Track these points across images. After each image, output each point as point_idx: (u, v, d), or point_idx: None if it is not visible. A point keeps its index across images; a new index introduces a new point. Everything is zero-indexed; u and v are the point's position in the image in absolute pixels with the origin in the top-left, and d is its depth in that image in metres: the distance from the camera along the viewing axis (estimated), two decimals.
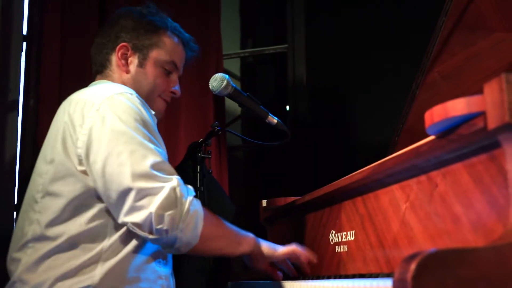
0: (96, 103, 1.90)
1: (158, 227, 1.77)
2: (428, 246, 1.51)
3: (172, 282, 2.04)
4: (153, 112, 2.08)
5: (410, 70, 2.44)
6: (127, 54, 2.20)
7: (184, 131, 3.61)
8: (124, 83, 2.15)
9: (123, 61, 2.19)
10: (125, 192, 1.79)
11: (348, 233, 1.96)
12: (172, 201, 1.79)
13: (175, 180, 1.83)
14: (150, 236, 1.80)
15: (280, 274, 2.20)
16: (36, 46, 3.05)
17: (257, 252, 2.07)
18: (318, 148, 3.81)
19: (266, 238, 2.76)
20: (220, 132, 2.39)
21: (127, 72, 2.20)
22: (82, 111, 1.91)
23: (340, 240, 2.02)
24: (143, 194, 1.78)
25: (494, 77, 1.21)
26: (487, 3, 2.07)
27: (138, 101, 1.95)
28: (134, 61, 2.20)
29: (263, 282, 2.28)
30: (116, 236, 1.88)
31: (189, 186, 1.91)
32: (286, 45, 4.01)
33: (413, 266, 1.10)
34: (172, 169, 1.88)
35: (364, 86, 3.73)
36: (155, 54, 2.21)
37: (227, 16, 4.09)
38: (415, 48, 2.49)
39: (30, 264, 1.86)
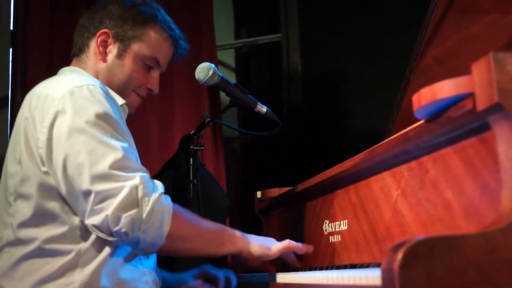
0: (56, 98, 1.79)
1: (116, 229, 1.68)
2: (420, 234, 1.47)
3: (158, 275, 1.98)
4: (121, 102, 2.00)
5: (405, 56, 2.40)
6: (107, 41, 2.08)
7: (179, 123, 3.59)
8: (97, 73, 2.08)
9: (101, 49, 2.08)
10: (86, 195, 1.70)
11: (341, 222, 1.92)
12: (133, 201, 1.69)
13: (137, 178, 1.72)
14: (111, 238, 1.72)
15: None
16: (22, 42, 3.02)
17: (247, 253, 1.97)
18: (314, 137, 3.78)
19: (261, 229, 2.74)
20: (210, 123, 2.36)
21: (104, 61, 2.08)
22: (42, 107, 1.81)
23: (333, 230, 1.97)
24: (102, 196, 1.69)
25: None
26: None
27: (100, 92, 1.83)
28: (113, 51, 2.08)
29: (259, 275, 2.25)
30: (92, 238, 1.80)
31: (157, 182, 1.81)
32: (280, 35, 3.97)
33: (400, 255, 1.06)
34: (136, 165, 1.78)
35: (358, 74, 3.70)
36: (137, 47, 2.09)
37: (220, 7, 4.06)
38: (410, 33, 2.45)
39: (6, 269, 1.79)
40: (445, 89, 1.23)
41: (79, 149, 1.72)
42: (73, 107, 1.76)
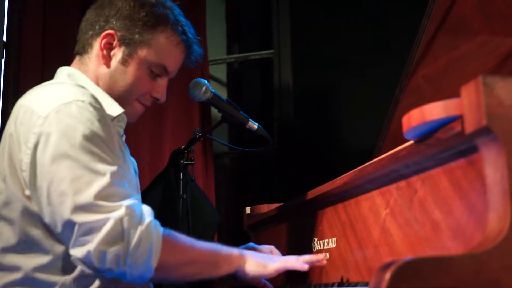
0: (42, 116, 1.64)
1: (99, 266, 1.55)
2: (408, 254, 1.48)
3: None
4: (119, 112, 1.86)
5: (395, 74, 2.41)
6: (112, 44, 1.90)
7: (170, 137, 3.59)
8: (98, 78, 1.91)
9: (105, 52, 1.90)
10: (69, 225, 1.57)
11: (330, 240, 1.93)
12: (118, 235, 1.54)
13: (123, 208, 1.56)
14: (96, 272, 1.62)
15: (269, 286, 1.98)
16: (15, 53, 3.02)
17: (242, 272, 1.81)
18: (304, 154, 3.79)
19: None
20: (201, 139, 2.36)
21: (107, 66, 1.90)
22: (27, 124, 1.66)
23: (322, 247, 1.98)
24: (86, 228, 1.54)
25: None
26: (469, 5, 2.05)
27: (90, 110, 1.66)
28: (117, 55, 1.90)
29: None
30: (77, 271, 1.66)
31: (145, 209, 1.64)
32: (272, 51, 3.99)
33: (387, 275, 1.06)
34: (124, 192, 1.62)
35: (349, 91, 3.72)
36: (144, 53, 1.90)
37: (212, 21, 4.08)
38: (400, 52, 2.46)
39: None
40: (434, 111, 1.23)
41: (63, 176, 1.58)
42: (58, 128, 1.62)
